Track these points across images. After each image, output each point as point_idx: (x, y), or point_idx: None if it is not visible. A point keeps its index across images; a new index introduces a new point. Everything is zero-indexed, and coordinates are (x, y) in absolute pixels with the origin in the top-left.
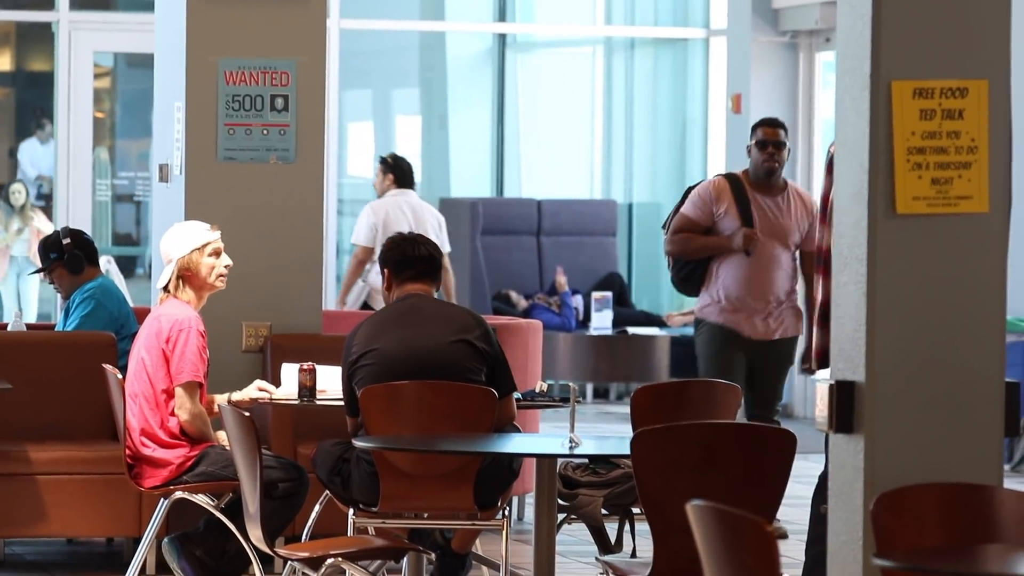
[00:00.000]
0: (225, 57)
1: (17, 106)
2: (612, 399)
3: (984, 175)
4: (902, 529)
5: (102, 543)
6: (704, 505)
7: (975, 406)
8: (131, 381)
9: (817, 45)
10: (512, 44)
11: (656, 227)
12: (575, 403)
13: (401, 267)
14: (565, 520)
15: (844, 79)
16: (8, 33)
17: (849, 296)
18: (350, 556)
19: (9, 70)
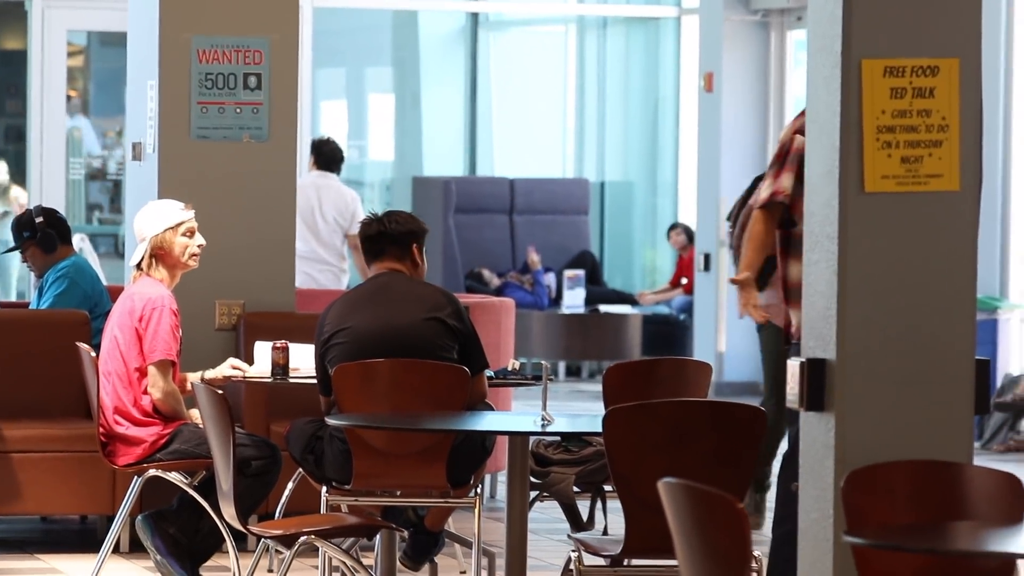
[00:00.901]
0: (198, 35)
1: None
2: (584, 377)
3: (955, 153)
4: (873, 507)
5: (76, 521)
6: (675, 483)
7: (946, 384)
8: (104, 359)
9: (788, 24)
10: (484, 23)
11: (627, 207)
12: (547, 381)
13: (370, 245)
14: (537, 498)
15: (815, 58)
16: None
17: (820, 274)
18: (323, 534)
19: None
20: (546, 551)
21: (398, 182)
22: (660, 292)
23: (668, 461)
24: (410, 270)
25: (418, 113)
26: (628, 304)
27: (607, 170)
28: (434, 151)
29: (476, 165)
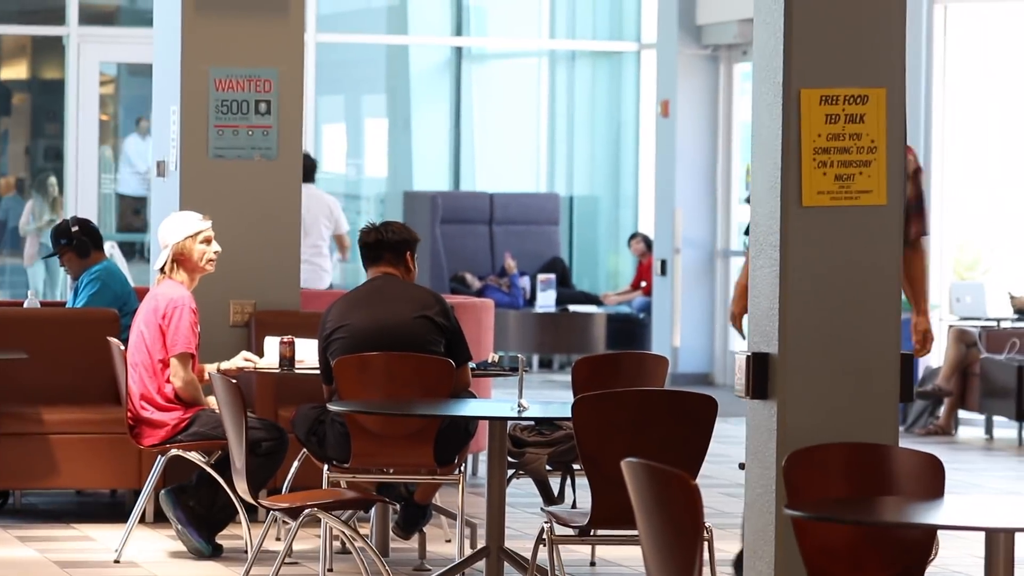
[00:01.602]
0: (215, 66)
1: (32, 110)
2: (555, 369)
3: (882, 172)
4: (810, 483)
5: (106, 494)
6: (636, 462)
7: (874, 375)
8: (132, 352)
9: (735, 57)
10: (467, 55)
11: (593, 218)
12: (523, 373)
13: (368, 252)
14: (514, 475)
15: (759, 87)
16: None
17: (764, 278)
18: (325, 506)
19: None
20: (522, 522)
21: (391, 196)
22: (622, 294)
23: (630, 443)
24: (403, 274)
25: (408, 135)
26: (594, 304)
27: (575, 185)
28: (423, 168)
29: (460, 181)
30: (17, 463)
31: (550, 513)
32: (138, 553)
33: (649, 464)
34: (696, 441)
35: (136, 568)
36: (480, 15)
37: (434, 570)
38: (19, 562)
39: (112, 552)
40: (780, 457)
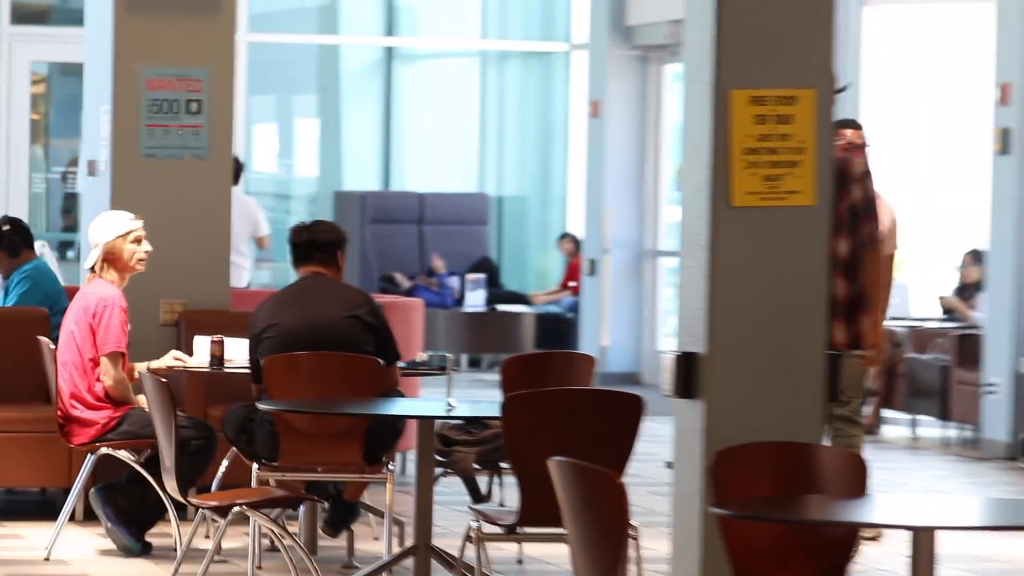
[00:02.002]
0: (146, 66)
1: None
2: (484, 368)
3: (811, 172)
4: (736, 482)
5: (37, 492)
6: (564, 461)
7: (800, 375)
8: (62, 351)
9: (665, 58)
10: (398, 56)
11: (523, 218)
12: (452, 372)
13: (299, 251)
14: (442, 474)
15: (689, 88)
16: None
17: (692, 278)
18: (254, 505)
19: None
20: (450, 520)
21: (321, 196)
22: (551, 293)
23: (558, 442)
24: (333, 273)
25: (339, 135)
26: (523, 304)
27: (505, 185)
28: (353, 168)
29: (390, 181)
30: None
31: (478, 511)
32: (68, 551)
33: (576, 463)
34: (623, 440)
35: (66, 566)
36: (411, 15)
37: (362, 567)
38: None
39: (42, 550)
40: (707, 456)
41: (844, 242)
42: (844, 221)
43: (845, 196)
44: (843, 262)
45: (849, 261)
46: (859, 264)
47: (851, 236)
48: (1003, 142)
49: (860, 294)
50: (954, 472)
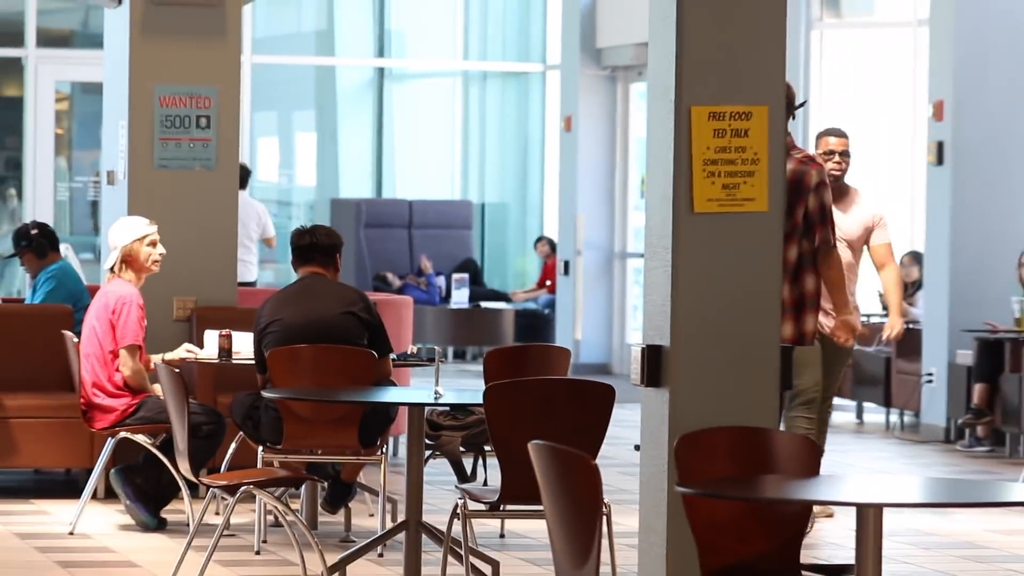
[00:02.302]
0: (160, 84)
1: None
2: (468, 360)
3: (764, 181)
4: (699, 463)
5: (62, 473)
6: (542, 444)
7: (757, 366)
8: (84, 344)
9: (631, 78)
10: (389, 76)
11: (503, 223)
12: (439, 363)
13: (300, 253)
14: (431, 456)
15: (653, 104)
16: None
17: (658, 278)
18: (260, 484)
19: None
20: (438, 498)
21: (319, 203)
22: (529, 292)
23: (536, 427)
24: (331, 274)
25: (335, 147)
26: (503, 301)
27: (487, 193)
28: (348, 178)
29: (382, 189)
30: None
31: (464, 490)
32: (91, 526)
33: (553, 446)
34: (596, 425)
35: (89, 539)
36: (400, 39)
37: (358, 541)
38: None
39: (67, 525)
40: (672, 440)
41: (794, 248)
42: (797, 228)
43: (800, 204)
44: (790, 266)
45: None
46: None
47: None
48: (937, 154)
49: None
50: (896, 454)
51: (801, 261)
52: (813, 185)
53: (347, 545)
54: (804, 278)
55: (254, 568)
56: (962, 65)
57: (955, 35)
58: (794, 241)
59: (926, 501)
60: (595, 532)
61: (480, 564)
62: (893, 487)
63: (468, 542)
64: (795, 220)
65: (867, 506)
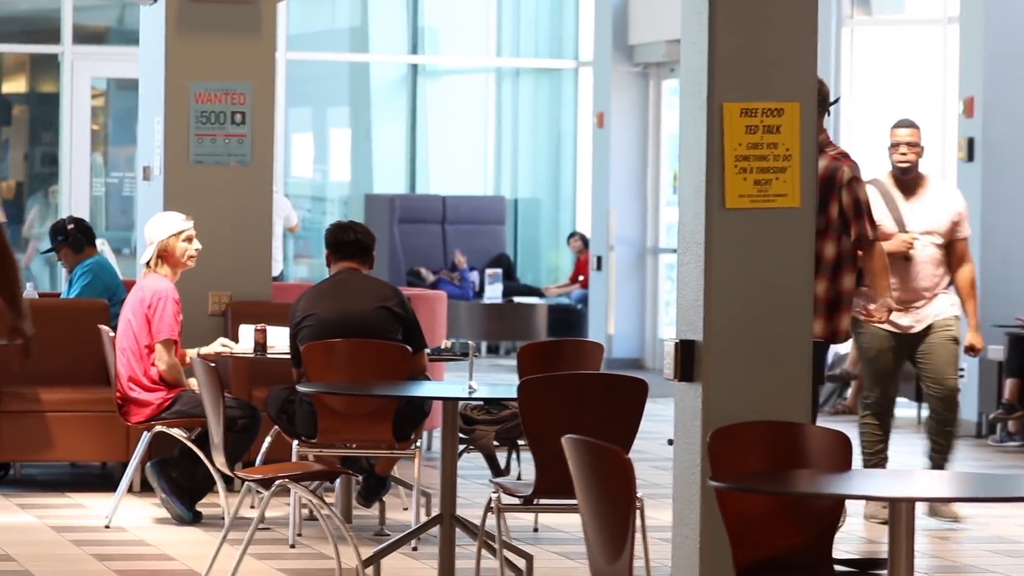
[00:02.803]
0: (195, 81)
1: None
2: (502, 354)
3: (796, 177)
4: (732, 458)
5: (97, 466)
6: (575, 438)
7: (789, 360)
8: (120, 338)
9: (663, 74)
10: (422, 72)
11: (536, 218)
12: (473, 357)
13: (336, 248)
14: (465, 450)
15: (685, 101)
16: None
17: (690, 273)
18: (294, 478)
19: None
20: (472, 492)
21: (353, 198)
22: (562, 287)
23: (569, 421)
24: (366, 269)
25: (369, 143)
26: (536, 296)
27: (520, 189)
28: (382, 173)
29: (415, 184)
30: (17, 438)
31: (497, 484)
32: (126, 519)
33: (587, 440)
34: (629, 419)
35: (124, 533)
36: (434, 35)
37: (392, 535)
38: (19, 527)
39: (103, 518)
40: (705, 434)
41: (831, 245)
42: (834, 225)
43: (833, 200)
44: (828, 264)
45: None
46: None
47: (841, 240)
48: (968, 150)
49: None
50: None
51: (841, 259)
52: (845, 181)
53: (381, 539)
54: (843, 276)
55: (289, 561)
56: (992, 62)
57: (985, 32)
58: (831, 238)
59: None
60: (628, 526)
61: (514, 558)
62: (925, 481)
63: (502, 536)
64: (829, 216)
65: (900, 500)
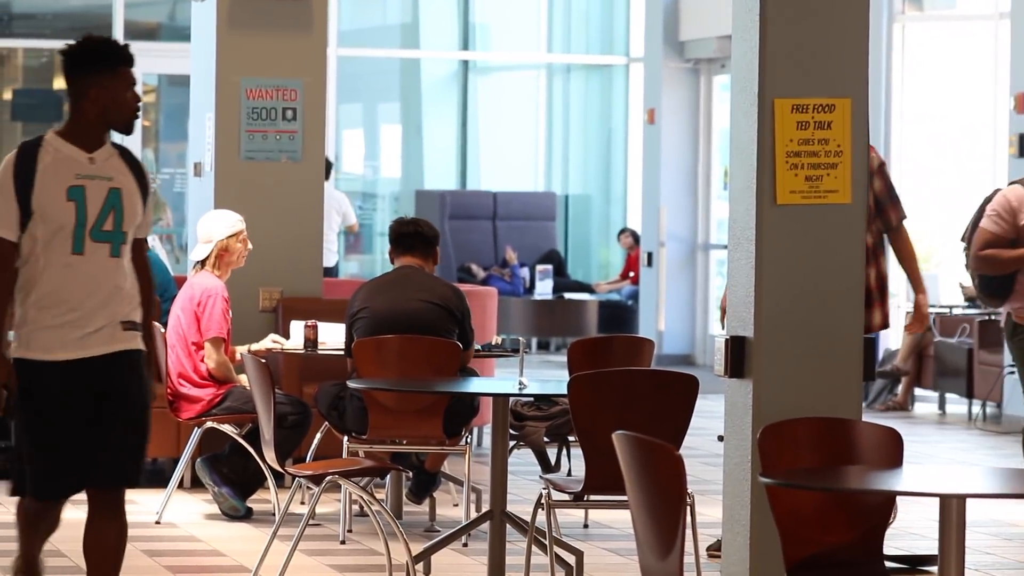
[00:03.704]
0: (246, 77)
1: None
2: (552, 350)
3: (847, 173)
4: (782, 454)
5: (148, 462)
6: (625, 434)
7: (840, 356)
8: (171, 334)
9: (714, 70)
10: (473, 68)
11: (586, 214)
12: (523, 354)
13: (397, 242)
14: (515, 446)
15: (736, 97)
16: None
17: (741, 269)
18: (345, 474)
19: None
20: (522, 488)
21: (404, 194)
22: (612, 283)
23: (620, 417)
24: (428, 266)
25: (420, 139)
26: (587, 292)
27: (570, 185)
28: (433, 170)
29: (466, 181)
30: None
31: (548, 480)
32: (177, 515)
33: (637, 436)
34: (679, 416)
35: (175, 528)
36: (485, 32)
37: (443, 531)
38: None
39: (154, 514)
40: (755, 430)
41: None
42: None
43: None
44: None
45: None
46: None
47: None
48: (1019, 146)
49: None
50: (978, 445)
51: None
52: (876, 167)
53: (432, 535)
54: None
55: (339, 557)
56: None
57: None
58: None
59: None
60: (679, 522)
61: (564, 554)
62: (975, 478)
63: (552, 532)
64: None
65: (950, 497)
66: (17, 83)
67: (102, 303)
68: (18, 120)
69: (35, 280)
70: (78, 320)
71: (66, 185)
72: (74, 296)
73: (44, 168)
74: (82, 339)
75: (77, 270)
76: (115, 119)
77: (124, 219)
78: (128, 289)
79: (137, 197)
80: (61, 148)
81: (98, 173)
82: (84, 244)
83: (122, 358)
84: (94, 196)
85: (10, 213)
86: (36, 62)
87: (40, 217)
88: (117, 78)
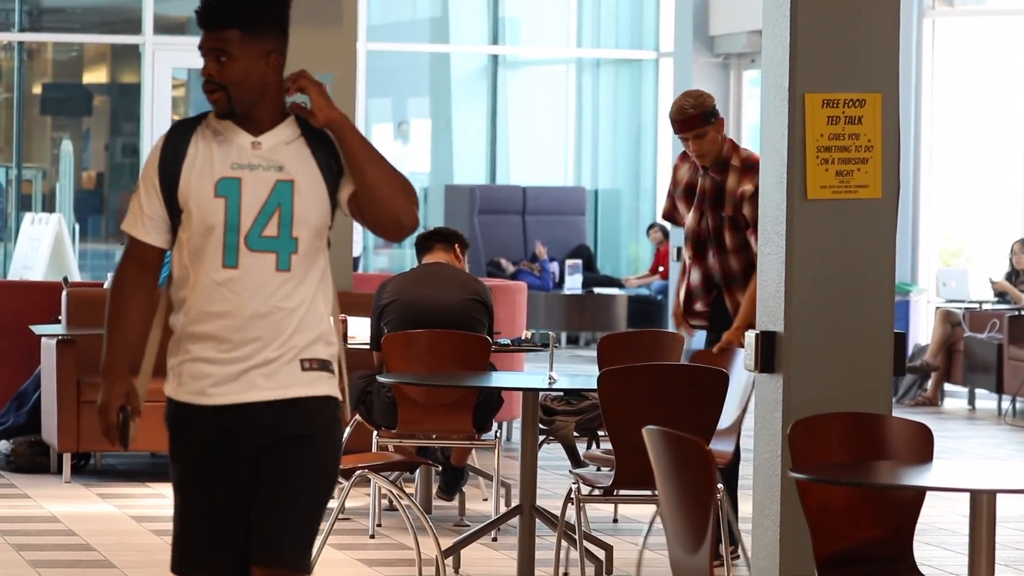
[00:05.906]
0: None
1: (111, 111)
2: (582, 345)
3: (878, 168)
4: (812, 449)
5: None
6: (655, 429)
7: (870, 351)
8: None
9: (744, 65)
10: (503, 63)
11: (616, 209)
12: (553, 348)
13: (420, 247)
14: (545, 440)
15: (767, 92)
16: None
17: (771, 264)
18: (374, 468)
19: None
20: (551, 483)
21: (433, 189)
22: (642, 278)
23: (649, 412)
24: (453, 261)
25: (450, 134)
26: (616, 287)
27: (600, 180)
28: (462, 164)
29: (496, 175)
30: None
31: (577, 475)
32: None
33: (667, 431)
34: (709, 411)
35: None
36: (514, 26)
37: (472, 525)
38: (99, 516)
39: None
40: (785, 425)
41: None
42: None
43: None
44: None
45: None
46: None
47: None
48: None
49: None
50: (1008, 440)
51: None
52: (750, 195)
53: (461, 529)
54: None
55: (369, 552)
56: None
57: None
58: None
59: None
60: (708, 517)
61: (594, 549)
62: (1006, 473)
63: (582, 527)
64: None
65: (980, 492)
66: (47, 77)
67: (268, 332)
68: (47, 114)
69: (184, 301)
70: (232, 353)
71: (216, 177)
72: (225, 322)
73: (194, 154)
74: (239, 379)
75: (230, 288)
76: None
77: (294, 221)
78: (305, 315)
79: (318, 192)
80: (220, 129)
81: (262, 161)
82: (238, 254)
83: (298, 407)
84: (253, 191)
85: (151, 210)
86: (65, 56)
87: (188, 217)
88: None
